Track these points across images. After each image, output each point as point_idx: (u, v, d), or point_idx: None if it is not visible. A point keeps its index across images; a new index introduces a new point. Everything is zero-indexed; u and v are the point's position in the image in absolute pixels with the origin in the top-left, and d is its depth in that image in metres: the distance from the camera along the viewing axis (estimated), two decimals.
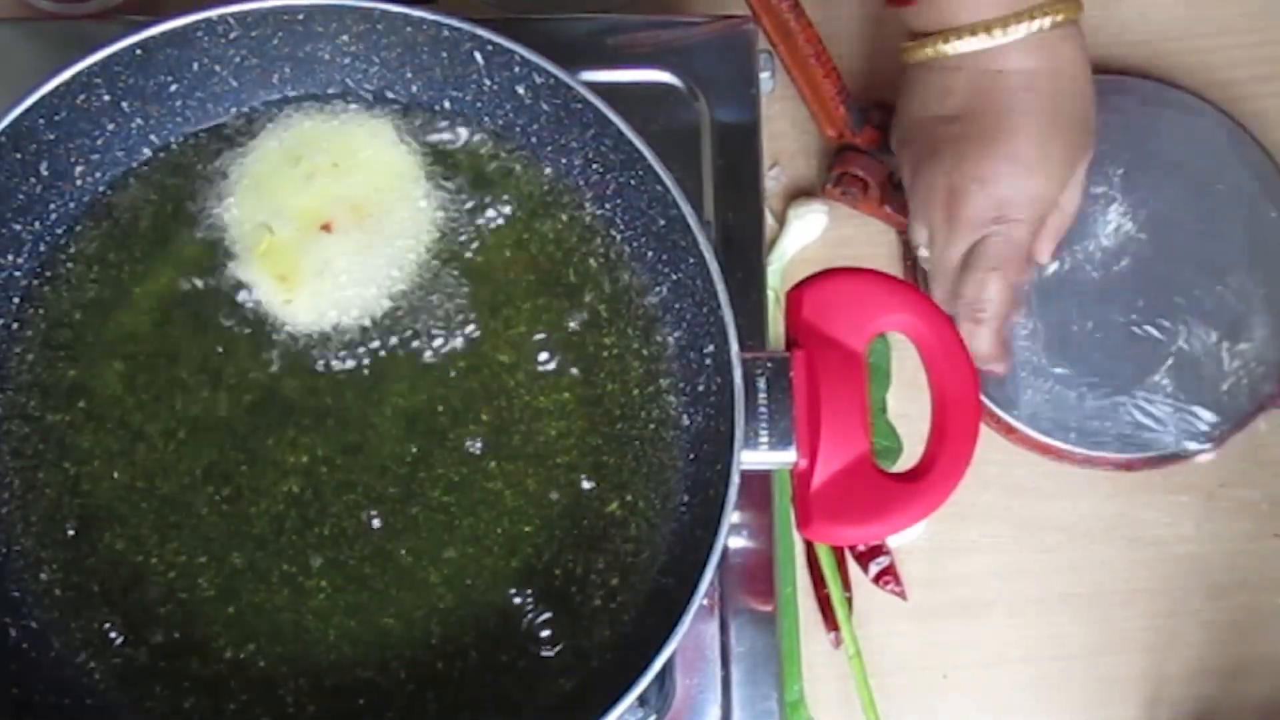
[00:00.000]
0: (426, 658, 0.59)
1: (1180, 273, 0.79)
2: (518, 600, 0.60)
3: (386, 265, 0.63)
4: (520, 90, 0.62)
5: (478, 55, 0.62)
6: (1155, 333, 0.78)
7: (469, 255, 0.64)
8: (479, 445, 0.61)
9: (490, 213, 0.64)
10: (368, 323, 0.62)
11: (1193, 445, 0.77)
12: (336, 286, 0.63)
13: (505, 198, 0.65)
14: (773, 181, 0.83)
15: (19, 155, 0.60)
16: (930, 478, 0.58)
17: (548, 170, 0.65)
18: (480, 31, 0.60)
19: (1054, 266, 0.79)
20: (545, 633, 0.60)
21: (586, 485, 0.61)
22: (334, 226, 0.63)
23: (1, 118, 0.58)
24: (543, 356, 0.63)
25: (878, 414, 0.79)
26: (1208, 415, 0.77)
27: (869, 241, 0.83)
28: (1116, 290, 0.79)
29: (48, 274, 0.63)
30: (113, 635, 0.59)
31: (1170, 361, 0.78)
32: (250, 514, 0.60)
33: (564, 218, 0.65)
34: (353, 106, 0.65)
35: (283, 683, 0.59)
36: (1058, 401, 0.78)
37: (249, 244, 0.63)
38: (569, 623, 0.60)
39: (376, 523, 0.60)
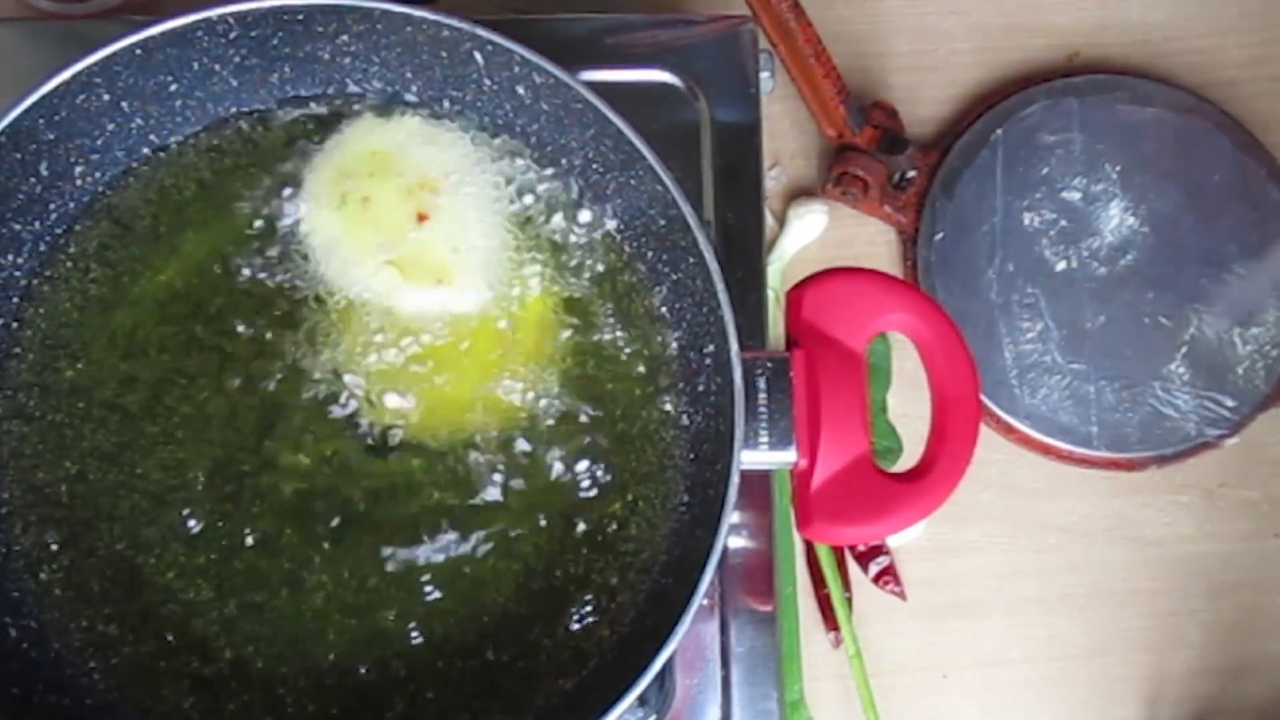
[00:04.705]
0: (427, 657, 0.59)
1: (1186, 264, 0.80)
2: (517, 600, 0.60)
3: (490, 207, 0.64)
4: (520, 90, 0.62)
5: (478, 55, 0.62)
6: (1167, 322, 0.79)
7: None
8: (480, 444, 0.61)
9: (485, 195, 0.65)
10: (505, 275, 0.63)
11: (1214, 432, 0.78)
12: (474, 249, 0.63)
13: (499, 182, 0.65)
14: (773, 181, 0.83)
15: (19, 155, 0.60)
16: (930, 478, 0.58)
17: (548, 170, 0.65)
18: (480, 31, 0.60)
19: (1061, 265, 0.79)
20: (544, 632, 0.60)
21: (587, 485, 0.61)
22: (427, 212, 0.63)
23: (1, 118, 0.58)
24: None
25: (878, 414, 0.79)
26: (1227, 401, 0.78)
27: (869, 241, 0.83)
28: (1124, 284, 0.80)
29: (48, 274, 0.63)
30: (112, 635, 0.59)
31: (1184, 350, 0.79)
32: (251, 514, 0.60)
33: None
34: (319, 130, 0.65)
35: (283, 683, 0.59)
36: (1076, 397, 0.78)
37: (389, 286, 0.62)
38: (568, 623, 0.60)
39: (376, 522, 0.60)
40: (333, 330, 0.62)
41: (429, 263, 0.62)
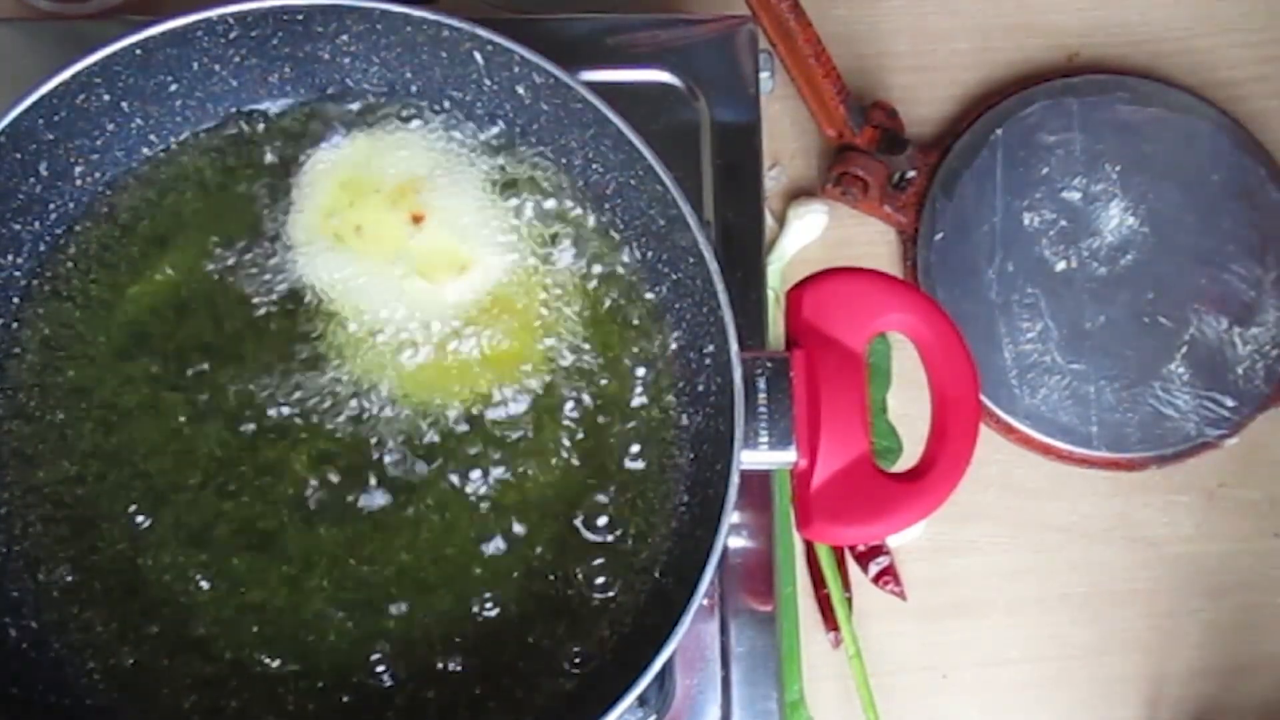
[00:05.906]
0: (427, 657, 0.59)
1: (1185, 264, 0.80)
2: (518, 599, 0.60)
3: (474, 180, 0.64)
4: (520, 90, 0.62)
5: (478, 55, 0.62)
6: (1167, 322, 0.79)
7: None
8: (481, 444, 0.61)
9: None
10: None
11: (1214, 432, 0.78)
12: (479, 231, 0.63)
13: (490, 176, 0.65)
14: (773, 181, 0.83)
15: (19, 155, 0.60)
16: (930, 478, 0.58)
17: (549, 170, 0.65)
18: (480, 31, 0.60)
19: (1061, 265, 0.80)
20: (544, 632, 0.60)
21: (586, 484, 0.61)
22: (422, 213, 0.63)
23: (1, 118, 0.58)
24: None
25: (878, 414, 0.79)
26: (1227, 401, 0.78)
27: (869, 241, 0.83)
28: (1124, 284, 0.80)
29: (48, 274, 0.63)
30: (112, 635, 0.59)
31: (1184, 350, 0.79)
32: (251, 514, 0.60)
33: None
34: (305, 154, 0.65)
35: (283, 683, 0.59)
36: (1076, 397, 0.78)
37: (419, 295, 0.62)
38: (568, 623, 0.60)
39: (377, 523, 0.60)
40: (335, 326, 0.62)
41: (445, 257, 0.63)
